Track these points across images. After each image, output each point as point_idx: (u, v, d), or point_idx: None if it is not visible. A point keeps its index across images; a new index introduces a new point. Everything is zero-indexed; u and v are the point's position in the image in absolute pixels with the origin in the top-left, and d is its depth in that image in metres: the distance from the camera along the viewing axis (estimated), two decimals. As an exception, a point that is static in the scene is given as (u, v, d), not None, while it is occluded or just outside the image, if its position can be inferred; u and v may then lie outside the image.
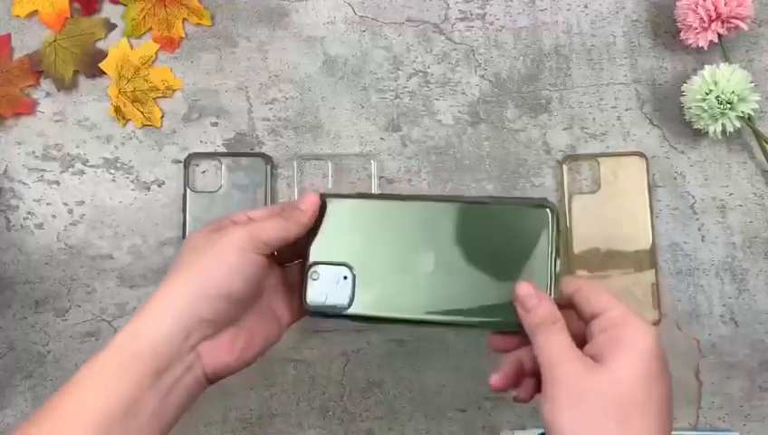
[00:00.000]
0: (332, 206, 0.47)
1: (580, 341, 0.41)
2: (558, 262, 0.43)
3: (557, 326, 0.41)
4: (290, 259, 0.49)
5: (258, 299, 0.46)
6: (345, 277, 0.45)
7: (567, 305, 0.43)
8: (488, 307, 0.44)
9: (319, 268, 0.46)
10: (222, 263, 0.42)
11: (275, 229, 0.44)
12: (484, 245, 0.44)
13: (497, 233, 0.44)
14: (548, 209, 0.44)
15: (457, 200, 0.46)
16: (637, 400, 0.38)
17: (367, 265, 0.45)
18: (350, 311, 0.45)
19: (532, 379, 0.44)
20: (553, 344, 0.40)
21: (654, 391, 0.39)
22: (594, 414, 0.38)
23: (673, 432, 0.61)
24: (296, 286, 0.48)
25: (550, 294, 0.43)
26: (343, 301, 0.45)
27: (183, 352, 0.41)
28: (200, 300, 0.42)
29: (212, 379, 0.44)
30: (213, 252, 0.43)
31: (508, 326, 0.43)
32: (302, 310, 0.48)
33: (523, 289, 0.42)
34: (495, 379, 0.44)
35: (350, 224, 0.46)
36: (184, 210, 0.63)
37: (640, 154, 0.63)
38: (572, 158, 0.63)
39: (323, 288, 0.46)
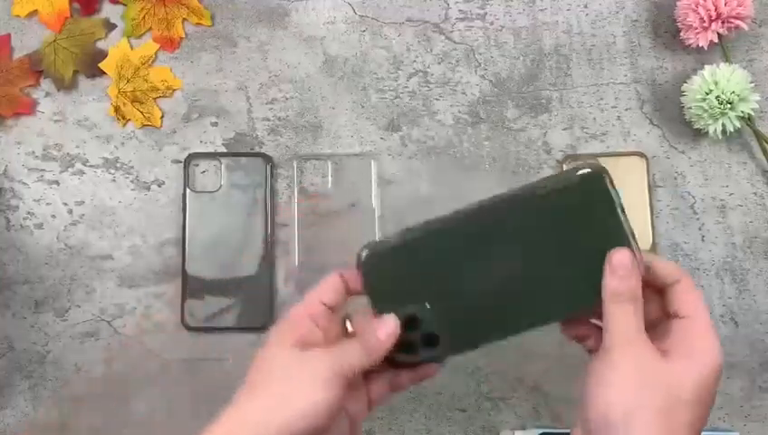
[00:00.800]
0: (381, 256, 0.43)
1: (648, 324, 0.41)
2: (633, 228, 0.41)
3: (637, 305, 0.40)
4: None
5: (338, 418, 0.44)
6: (422, 321, 0.42)
7: (656, 289, 0.42)
8: (568, 295, 0.41)
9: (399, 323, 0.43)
10: (310, 397, 0.40)
11: (357, 362, 0.42)
12: (547, 234, 0.41)
13: (557, 216, 0.41)
14: (595, 172, 0.41)
15: (501, 199, 0.42)
16: (688, 408, 0.38)
17: (439, 300, 0.42)
18: (443, 353, 0.43)
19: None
20: (627, 322, 0.39)
21: (703, 409, 0.39)
22: (650, 403, 0.37)
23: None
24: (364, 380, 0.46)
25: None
26: (432, 347, 0.43)
27: None
28: (276, 431, 0.40)
29: None
30: (296, 383, 0.41)
31: (586, 309, 0.41)
32: (387, 381, 0.46)
33: (620, 255, 0.40)
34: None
35: (406, 267, 0.43)
36: (184, 210, 0.63)
37: (640, 154, 0.63)
38: (572, 158, 0.63)
39: (411, 340, 0.43)
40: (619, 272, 0.40)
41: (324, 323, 0.44)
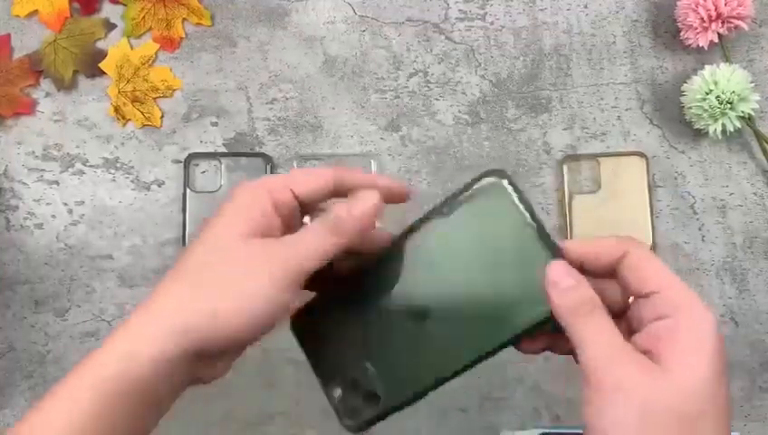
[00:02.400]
0: (308, 316, 0.39)
1: (617, 312, 0.34)
2: (544, 226, 0.35)
3: (600, 313, 0.32)
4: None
5: None
6: (370, 376, 0.38)
7: (606, 274, 0.35)
8: (511, 315, 0.35)
9: (338, 384, 0.40)
10: (247, 310, 0.33)
11: (323, 252, 0.34)
12: (468, 252, 0.37)
13: (471, 231, 0.37)
14: (496, 177, 0.36)
15: (411, 228, 0.38)
16: (706, 413, 0.31)
17: (376, 356, 0.38)
18: (386, 409, 0.38)
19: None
20: (597, 339, 0.32)
21: (720, 398, 0.31)
22: (657, 431, 0.30)
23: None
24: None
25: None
26: (377, 399, 0.38)
27: (183, 376, 0.35)
28: (207, 341, 0.33)
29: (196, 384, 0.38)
30: (238, 287, 0.33)
31: (540, 324, 0.35)
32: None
33: (555, 270, 0.33)
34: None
35: (334, 326, 0.39)
36: (184, 210, 0.63)
37: (640, 154, 0.63)
38: (572, 158, 0.63)
39: (354, 402, 0.39)
40: (562, 286, 0.33)
41: (288, 219, 0.36)
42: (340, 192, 0.37)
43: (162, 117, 0.65)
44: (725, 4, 0.60)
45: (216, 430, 0.62)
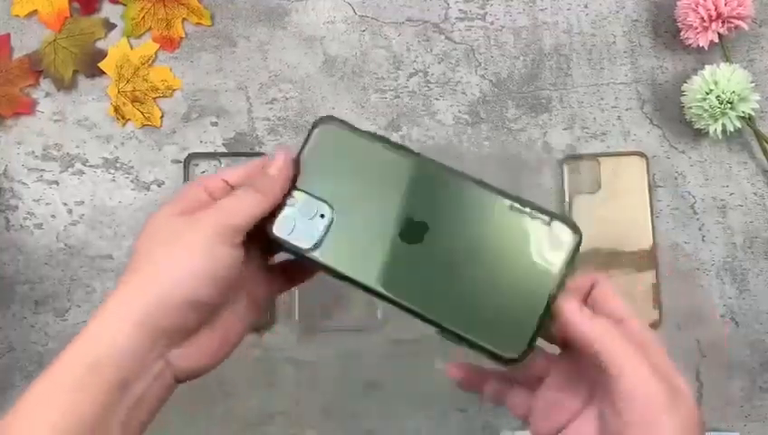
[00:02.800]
0: (331, 134, 0.40)
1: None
2: (559, 294, 0.36)
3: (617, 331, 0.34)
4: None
5: (234, 292, 0.39)
6: (322, 215, 0.39)
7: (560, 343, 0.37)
8: (478, 316, 0.36)
9: (298, 195, 0.39)
10: (187, 265, 0.36)
11: (249, 208, 0.37)
12: (489, 241, 0.37)
13: (509, 235, 0.37)
14: (574, 232, 0.36)
15: (476, 182, 0.39)
16: None
17: (350, 212, 0.39)
18: (313, 255, 0.38)
19: (522, 389, 0.39)
20: (634, 361, 0.33)
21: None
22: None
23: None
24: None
25: (535, 333, 0.35)
26: (310, 241, 0.38)
27: (149, 361, 0.36)
28: (161, 310, 0.35)
29: (185, 380, 0.40)
30: (176, 251, 0.36)
31: (496, 354, 0.35)
32: (282, 285, 0.43)
33: (568, 306, 0.35)
34: (453, 369, 0.39)
35: (344, 161, 0.40)
36: (184, 210, 0.63)
37: (640, 154, 0.63)
38: (573, 158, 0.63)
39: (295, 218, 0.39)
40: (576, 318, 0.35)
41: (220, 197, 0.39)
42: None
43: (162, 117, 0.65)
44: (725, 4, 0.60)
45: (215, 430, 0.62)
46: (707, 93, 0.59)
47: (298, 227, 0.39)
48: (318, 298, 0.62)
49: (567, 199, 0.62)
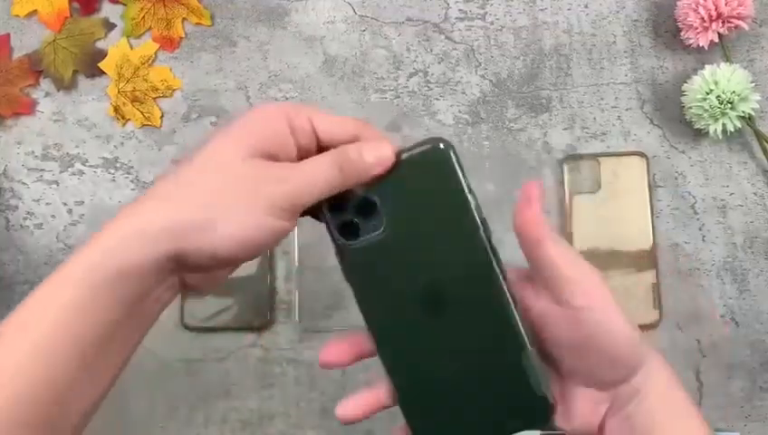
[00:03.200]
0: (438, 160, 0.35)
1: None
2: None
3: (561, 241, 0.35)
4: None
5: None
6: (375, 227, 0.35)
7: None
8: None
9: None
10: (238, 234, 0.32)
11: (325, 187, 0.33)
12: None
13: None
14: (440, 146, 0.35)
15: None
16: None
17: (393, 244, 0.35)
18: (345, 254, 0.35)
19: None
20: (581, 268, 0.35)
21: None
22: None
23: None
24: None
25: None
26: (350, 239, 0.35)
27: (166, 277, 0.33)
28: (191, 259, 0.32)
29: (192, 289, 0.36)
30: (231, 214, 0.32)
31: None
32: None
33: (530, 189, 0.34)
34: (344, 407, 0.36)
35: (425, 195, 0.35)
36: (184, 210, 0.63)
37: (641, 154, 0.63)
38: (573, 158, 0.63)
39: (352, 208, 0.35)
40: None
41: (306, 144, 0.34)
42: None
43: (162, 117, 0.65)
44: (726, 4, 0.59)
45: (216, 430, 0.62)
46: (707, 93, 0.59)
47: (348, 216, 0.35)
48: (318, 298, 0.62)
49: (567, 199, 0.62)
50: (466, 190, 0.35)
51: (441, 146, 0.35)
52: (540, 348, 0.36)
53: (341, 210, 0.35)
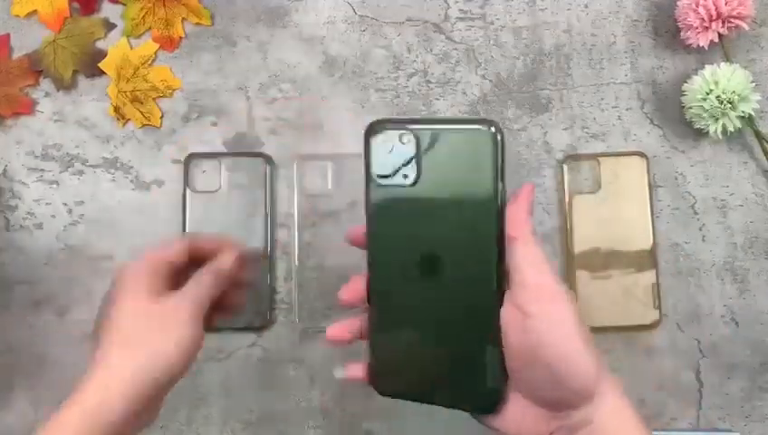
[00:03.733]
0: (482, 139, 0.38)
1: None
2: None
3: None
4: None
5: None
6: (414, 183, 0.39)
7: None
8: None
9: (414, 137, 0.39)
10: (177, 343, 0.43)
11: (213, 292, 0.47)
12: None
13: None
14: (490, 129, 0.38)
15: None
16: None
17: (423, 190, 0.39)
18: (380, 184, 0.39)
19: None
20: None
21: None
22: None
23: (674, 432, 0.61)
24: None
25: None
26: (387, 170, 0.39)
27: (142, 417, 0.43)
28: (151, 385, 0.42)
29: None
30: (165, 335, 0.43)
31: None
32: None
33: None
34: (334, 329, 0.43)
35: (462, 163, 0.39)
36: (184, 210, 0.63)
37: (641, 154, 0.63)
38: (573, 158, 0.63)
39: (395, 147, 0.39)
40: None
41: (168, 275, 0.47)
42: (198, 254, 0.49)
43: (162, 117, 0.65)
44: (726, 4, 0.59)
45: (216, 430, 0.62)
46: (707, 93, 0.59)
47: (390, 157, 0.39)
48: (318, 298, 0.62)
49: (567, 199, 0.62)
50: (498, 176, 0.38)
51: (492, 129, 0.38)
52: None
53: (386, 151, 0.39)
